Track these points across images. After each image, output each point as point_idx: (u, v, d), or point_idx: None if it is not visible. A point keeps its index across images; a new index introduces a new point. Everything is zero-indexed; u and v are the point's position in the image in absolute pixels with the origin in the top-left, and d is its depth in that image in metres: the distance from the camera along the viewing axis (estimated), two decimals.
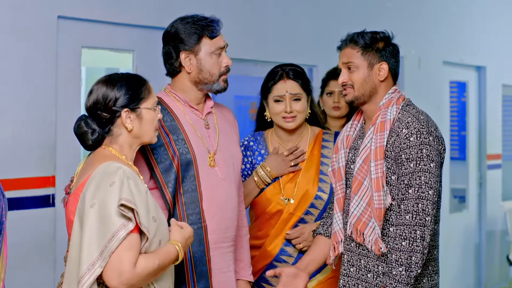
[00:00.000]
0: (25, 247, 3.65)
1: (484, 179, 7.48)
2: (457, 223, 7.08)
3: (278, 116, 3.27)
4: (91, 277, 2.28)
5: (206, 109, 2.99)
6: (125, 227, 2.30)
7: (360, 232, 2.78)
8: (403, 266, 2.64)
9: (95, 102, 2.50)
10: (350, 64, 2.84)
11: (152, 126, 2.55)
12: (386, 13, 6.11)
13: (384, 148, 2.74)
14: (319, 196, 3.25)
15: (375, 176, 2.72)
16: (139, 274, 2.32)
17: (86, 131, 2.50)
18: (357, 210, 2.79)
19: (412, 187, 2.67)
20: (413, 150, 2.69)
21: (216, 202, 2.90)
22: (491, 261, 7.56)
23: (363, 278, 2.82)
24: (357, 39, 2.84)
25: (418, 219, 2.66)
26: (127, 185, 2.33)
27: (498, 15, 7.70)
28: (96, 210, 2.31)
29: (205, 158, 2.90)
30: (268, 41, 4.98)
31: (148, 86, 2.57)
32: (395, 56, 2.87)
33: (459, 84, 7.46)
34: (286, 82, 3.27)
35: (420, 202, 2.66)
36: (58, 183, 3.76)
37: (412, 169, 2.68)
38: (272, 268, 3.14)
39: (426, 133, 2.72)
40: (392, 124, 2.76)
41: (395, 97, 2.83)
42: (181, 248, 2.47)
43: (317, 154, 3.31)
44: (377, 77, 2.83)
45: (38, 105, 3.72)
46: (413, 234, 2.65)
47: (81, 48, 3.96)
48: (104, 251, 2.28)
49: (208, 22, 2.89)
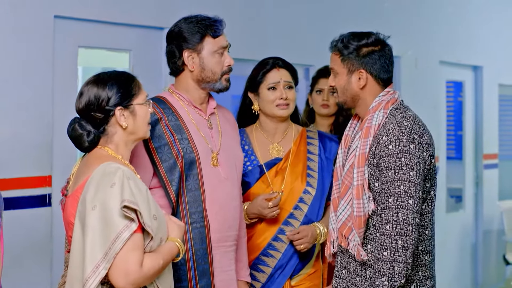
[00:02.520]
0: (22, 247, 3.64)
1: (481, 178, 7.49)
2: (453, 223, 7.09)
3: (272, 104, 3.29)
4: (96, 279, 2.28)
5: (209, 109, 3.02)
6: (129, 228, 2.30)
7: (345, 237, 2.76)
8: (385, 276, 2.59)
9: (88, 104, 2.49)
10: (333, 69, 2.83)
11: (145, 121, 2.56)
12: (384, 13, 6.12)
13: (366, 155, 2.69)
14: (308, 190, 3.27)
15: (356, 184, 2.68)
16: (145, 274, 2.33)
17: (82, 133, 2.49)
18: (343, 215, 2.77)
19: (391, 196, 2.61)
20: (391, 159, 2.62)
21: (219, 201, 2.91)
22: (488, 261, 7.57)
23: (352, 281, 2.80)
24: (338, 44, 2.80)
25: (399, 228, 2.60)
26: (127, 186, 2.33)
27: (495, 15, 7.71)
28: (97, 212, 2.30)
29: (208, 158, 2.92)
30: (266, 41, 4.98)
31: (137, 82, 2.57)
32: (377, 62, 2.77)
33: (455, 83, 7.47)
34: (279, 70, 3.31)
35: (400, 211, 2.60)
36: (55, 182, 3.76)
37: (391, 177, 2.62)
38: (259, 263, 3.21)
39: (406, 140, 2.64)
40: (376, 130, 2.71)
41: (385, 100, 2.76)
42: (181, 245, 2.49)
43: (303, 150, 3.34)
44: (357, 84, 2.78)
45: (35, 105, 3.71)
46: (394, 244, 2.59)
47: (78, 47, 3.96)
48: (109, 253, 2.28)
49: (211, 21, 2.92)
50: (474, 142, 7.51)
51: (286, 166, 3.30)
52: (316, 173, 3.30)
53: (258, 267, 3.26)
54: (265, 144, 3.35)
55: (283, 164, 3.31)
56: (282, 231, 3.25)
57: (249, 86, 3.37)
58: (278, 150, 3.34)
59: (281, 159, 3.32)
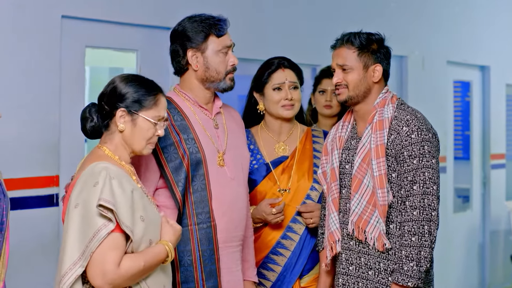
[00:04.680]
0: (29, 247, 3.65)
1: (488, 178, 7.47)
2: (460, 223, 7.08)
3: (277, 104, 3.30)
4: (71, 277, 2.28)
5: (215, 109, 3.01)
6: (106, 227, 2.30)
7: (362, 230, 2.81)
8: (414, 261, 2.69)
9: (104, 93, 2.54)
10: (345, 65, 2.86)
11: (144, 137, 2.52)
12: (390, 13, 6.11)
13: (385, 145, 2.78)
14: (315, 187, 3.28)
15: (378, 174, 2.76)
16: (123, 274, 2.32)
17: (87, 117, 2.55)
18: (358, 208, 2.82)
19: (416, 183, 2.73)
20: (415, 147, 2.75)
21: (225, 202, 2.91)
22: (495, 261, 7.55)
23: (363, 276, 2.85)
24: (353, 39, 2.86)
25: (425, 214, 2.71)
26: (108, 185, 2.32)
27: (501, 14, 7.70)
28: (79, 210, 2.32)
29: (214, 158, 2.92)
30: (273, 41, 4.98)
31: (158, 99, 2.53)
32: (388, 58, 2.92)
33: (463, 83, 7.45)
34: (284, 71, 3.32)
35: (426, 197, 2.72)
36: (62, 182, 3.76)
37: (416, 165, 2.74)
38: (268, 262, 3.21)
39: (426, 130, 2.78)
40: (390, 123, 2.80)
41: (389, 97, 2.88)
42: (171, 248, 2.46)
43: (309, 148, 3.35)
44: (372, 79, 2.87)
45: (42, 105, 3.72)
46: (421, 229, 2.70)
47: (85, 47, 3.97)
48: (86, 251, 2.28)
49: (215, 21, 2.92)
50: (482, 142, 7.49)
51: (293, 164, 3.31)
52: None
53: (268, 265, 3.26)
54: (270, 143, 3.36)
55: (290, 162, 3.32)
56: (290, 228, 3.26)
57: (254, 86, 3.37)
58: (284, 148, 3.35)
59: (287, 157, 3.33)
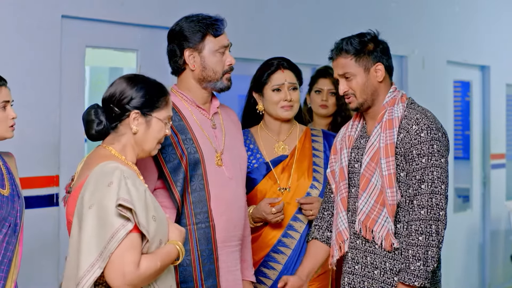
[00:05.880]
0: (29, 246, 3.65)
1: (488, 178, 7.48)
2: (461, 223, 7.08)
3: (276, 105, 3.30)
4: (90, 279, 2.25)
5: (213, 109, 3.01)
6: (124, 227, 2.27)
7: (369, 229, 2.81)
8: (420, 260, 2.68)
9: (111, 95, 2.49)
10: (347, 73, 2.85)
11: (156, 138, 2.52)
12: (390, 13, 6.11)
13: (395, 145, 2.77)
14: (315, 185, 3.29)
15: (387, 173, 2.75)
16: (142, 275, 2.30)
17: (93, 120, 2.49)
18: (366, 207, 2.81)
19: (425, 182, 2.72)
20: (424, 146, 2.74)
21: (224, 201, 2.91)
22: (495, 261, 7.56)
23: (369, 275, 2.84)
24: (346, 47, 2.84)
25: (433, 213, 2.71)
26: (124, 185, 2.30)
27: (502, 14, 7.70)
28: (94, 211, 2.28)
29: (212, 158, 2.92)
30: (272, 41, 4.98)
31: (167, 99, 2.54)
32: (386, 53, 2.89)
33: (463, 83, 7.46)
34: (284, 72, 3.32)
35: (434, 196, 2.72)
36: (62, 182, 3.77)
37: (424, 164, 2.73)
38: (269, 260, 3.22)
39: (436, 129, 2.77)
40: (400, 122, 2.79)
41: (398, 96, 2.86)
42: (182, 248, 2.45)
43: (308, 147, 3.36)
44: (376, 79, 2.85)
45: (42, 104, 3.73)
46: (428, 228, 2.69)
47: (85, 47, 3.97)
48: (104, 252, 2.25)
49: (212, 20, 2.91)
50: (482, 142, 7.50)
51: (292, 162, 3.32)
52: (322, 169, 3.33)
53: (269, 264, 3.26)
54: (270, 142, 3.37)
55: (289, 160, 3.33)
56: (291, 227, 3.27)
57: (253, 86, 3.38)
58: (284, 148, 3.36)
59: (287, 156, 3.33)
